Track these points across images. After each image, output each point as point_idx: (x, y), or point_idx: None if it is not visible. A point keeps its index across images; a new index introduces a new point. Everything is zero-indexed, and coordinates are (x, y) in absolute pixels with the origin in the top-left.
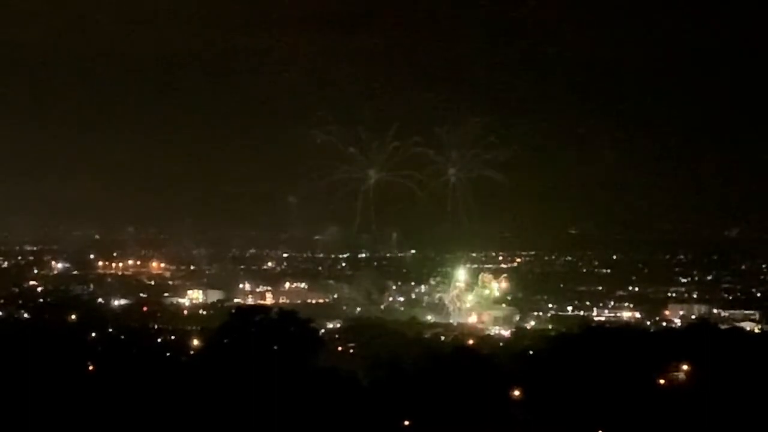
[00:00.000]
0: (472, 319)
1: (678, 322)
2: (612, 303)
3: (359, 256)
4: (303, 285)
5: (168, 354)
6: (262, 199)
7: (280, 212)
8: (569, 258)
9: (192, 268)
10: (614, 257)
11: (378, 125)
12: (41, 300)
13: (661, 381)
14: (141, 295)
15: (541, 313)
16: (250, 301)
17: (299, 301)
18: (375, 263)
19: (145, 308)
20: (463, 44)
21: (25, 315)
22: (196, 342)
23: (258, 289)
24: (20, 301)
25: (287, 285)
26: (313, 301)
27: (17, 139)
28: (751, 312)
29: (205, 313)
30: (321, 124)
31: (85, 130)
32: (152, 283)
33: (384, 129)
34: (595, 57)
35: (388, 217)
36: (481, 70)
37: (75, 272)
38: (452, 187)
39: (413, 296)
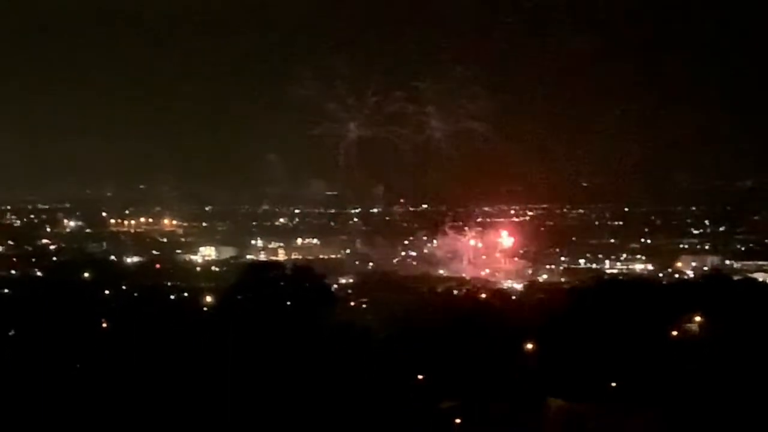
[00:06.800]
0: (485, 273)
1: (691, 273)
2: (624, 255)
3: (371, 211)
4: (315, 241)
5: (182, 311)
6: (242, 155)
7: (261, 169)
8: (581, 211)
9: (204, 224)
10: (626, 210)
11: (357, 80)
12: (54, 258)
13: (674, 332)
14: (154, 252)
15: (553, 267)
16: (262, 257)
17: (311, 257)
18: (387, 218)
19: (158, 265)
20: None
21: (39, 273)
22: (209, 299)
23: (270, 246)
24: (33, 260)
25: (299, 241)
26: (326, 257)
27: (27, 98)
28: (765, 263)
29: (217, 269)
30: (299, 80)
31: (94, 89)
32: (165, 240)
33: (363, 84)
34: None
35: (372, 172)
36: (461, 16)
37: (88, 230)
38: (436, 141)
39: (425, 251)
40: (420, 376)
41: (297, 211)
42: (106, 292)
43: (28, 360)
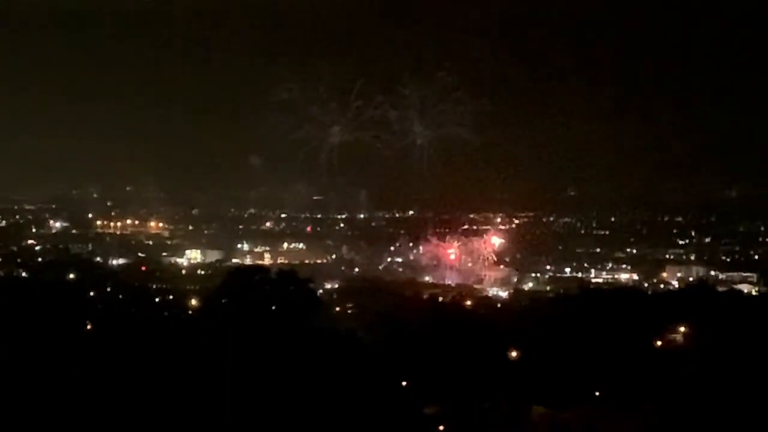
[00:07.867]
0: (470, 280)
1: (676, 284)
2: (610, 265)
3: (357, 216)
4: (301, 245)
5: (166, 313)
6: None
7: (248, 173)
8: (567, 219)
9: (190, 227)
10: (612, 219)
11: (340, 84)
12: (40, 259)
13: (659, 343)
14: (139, 254)
15: (539, 275)
16: (248, 261)
17: (297, 262)
18: (373, 223)
19: (143, 267)
20: None
21: (24, 274)
22: (194, 302)
23: (256, 250)
24: (19, 260)
25: (285, 245)
26: (312, 262)
27: (15, 97)
28: (749, 274)
29: (203, 272)
30: (281, 83)
31: (83, 88)
32: (150, 242)
33: (346, 88)
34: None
35: (354, 178)
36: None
37: (74, 231)
38: (419, 147)
39: (411, 257)
40: (404, 382)
41: (283, 215)
42: (92, 293)
43: (12, 360)
